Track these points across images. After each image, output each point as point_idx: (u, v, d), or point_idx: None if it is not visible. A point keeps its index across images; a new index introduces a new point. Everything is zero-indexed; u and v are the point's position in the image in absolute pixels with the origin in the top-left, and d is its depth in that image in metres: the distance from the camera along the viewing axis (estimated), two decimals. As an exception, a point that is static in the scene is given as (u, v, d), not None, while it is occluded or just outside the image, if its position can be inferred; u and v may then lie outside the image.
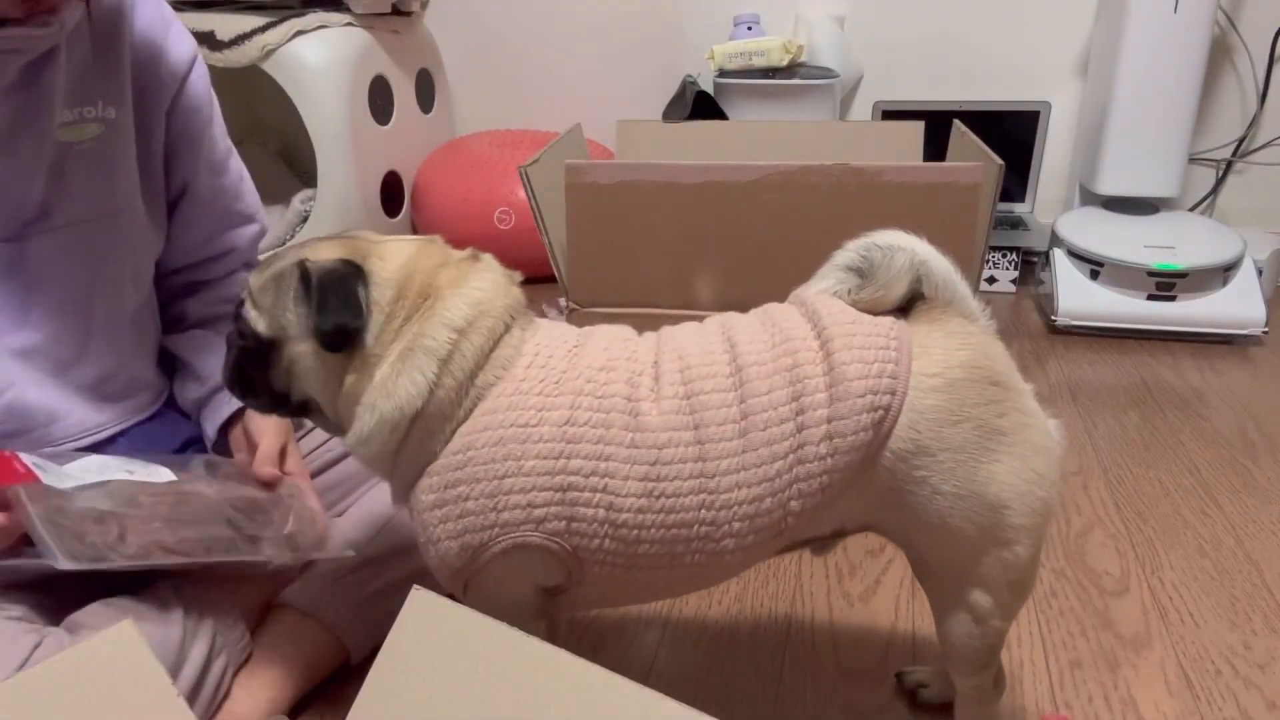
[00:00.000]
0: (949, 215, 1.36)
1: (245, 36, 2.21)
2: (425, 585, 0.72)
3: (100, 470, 0.92)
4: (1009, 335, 2.14)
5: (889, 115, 2.45)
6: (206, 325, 1.16)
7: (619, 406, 0.79)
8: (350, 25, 2.34)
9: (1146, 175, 2.24)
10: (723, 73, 2.37)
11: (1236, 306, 2.08)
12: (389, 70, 2.43)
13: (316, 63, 2.24)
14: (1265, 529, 1.39)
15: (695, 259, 1.46)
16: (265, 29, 2.22)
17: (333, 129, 2.27)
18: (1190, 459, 1.60)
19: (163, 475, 0.96)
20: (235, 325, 0.87)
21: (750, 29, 2.46)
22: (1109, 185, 2.27)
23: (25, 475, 0.85)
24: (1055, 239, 2.24)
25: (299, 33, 2.23)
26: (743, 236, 1.43)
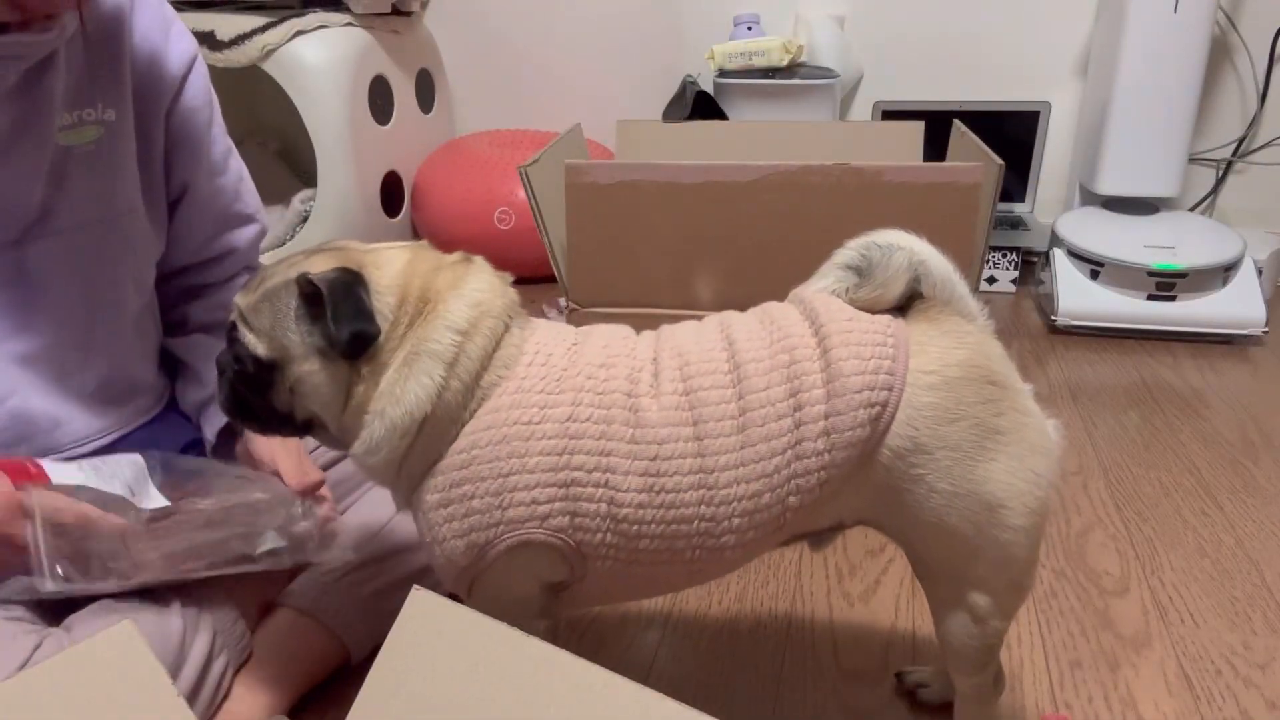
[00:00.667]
0: (949, 215, 1.36)
1: (245, 36, 2.21)
2: (425, 585, 0.71)
3: (110, 477, 0.92)
4: (1009, 335, 2.14)
5: (889, 115, 2.45)
6: (209, 330, 1.15)
7: (619, 403, 0.80)
8: (350, 25, 2.34)
9: (1146, 175, 2.24)
10: (723, 73, 2.36)
11: (1236, 306, 2.08)
12: (389, 70, 2.43)
13: (316, 63, 2.23)
14: (1265, 529, 1.39)
15: (695, 259, 1.46)
16: (265, 29, 2.22)
17: (333, 129, 2.27)
18: (1190, 459, 1.60)
19: (157, 500, 0.95)
20: (229, 350, 0.84)
21: (750, 29, 2.46)
22: (1109, 185, 2.27)
23: (38, 475, 0.85)
24: (1055, 239, 2.24)
25: (299, 33, 2.23)
26: (743, 236, 1.43)
